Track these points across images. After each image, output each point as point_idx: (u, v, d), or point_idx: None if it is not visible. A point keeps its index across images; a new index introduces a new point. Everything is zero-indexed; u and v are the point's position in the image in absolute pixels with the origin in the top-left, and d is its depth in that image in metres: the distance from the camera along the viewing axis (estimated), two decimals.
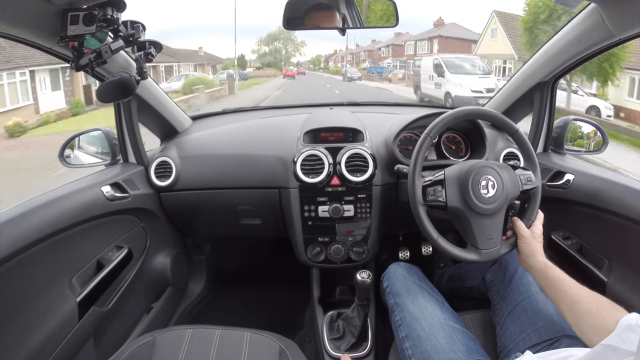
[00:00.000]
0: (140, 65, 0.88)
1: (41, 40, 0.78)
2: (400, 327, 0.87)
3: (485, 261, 0.87)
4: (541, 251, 0.82)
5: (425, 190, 0.90)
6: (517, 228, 0.86)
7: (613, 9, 0.81)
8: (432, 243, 0.89)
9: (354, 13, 0.97)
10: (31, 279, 0.83)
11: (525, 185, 0.89)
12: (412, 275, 0.98)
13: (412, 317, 0.86)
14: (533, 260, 0.81)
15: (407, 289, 0.93)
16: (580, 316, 0.69)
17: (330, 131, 1.24)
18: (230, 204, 1.30)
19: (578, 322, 0.70)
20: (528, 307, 0.85)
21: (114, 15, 0.76)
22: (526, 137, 0.93)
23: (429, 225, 0.89)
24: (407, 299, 0.90)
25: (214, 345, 0.84)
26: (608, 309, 0.67)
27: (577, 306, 0.70)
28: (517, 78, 1.25)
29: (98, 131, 1.24)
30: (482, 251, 0.86)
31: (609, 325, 0.63)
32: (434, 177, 0.91)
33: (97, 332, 1.02)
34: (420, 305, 0.87)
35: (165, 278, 1.36)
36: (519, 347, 0.80)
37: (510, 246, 0.88)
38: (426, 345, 0.79)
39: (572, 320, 0.71)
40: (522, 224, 0.87)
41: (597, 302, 0.69)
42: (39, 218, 0.84)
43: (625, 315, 0.62)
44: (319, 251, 1.19)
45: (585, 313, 0.69)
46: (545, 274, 0.78)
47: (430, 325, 0.82)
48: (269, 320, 1.44)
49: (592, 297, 0.70)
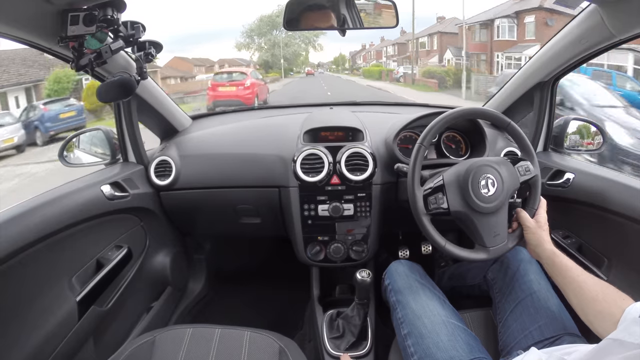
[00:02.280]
0: (140, 66, 0.88)
1: (41, 41, 0.78)
2: (402, 325, 0.87)
3: (494, 257, 0.88)
4: (548, 239, 0.83)
5: (427, 199, 0.90)
6: (522, 219, 0.87)
7: (613, 9, 0.81)
8: (440, 250, 0.89)
9: (354, 13, 0.96)
10: (31, 278, 0.83)
11: (524, 175, 0.89)
12: (414, 272, 0.98)
13: (414, 314, 0.86)
14: (541, 249, 0.82)
15: (409, 286, 0.93)
16: (587, 303, 0.71)
17: (330, 130, 1.24)
18: (230, 203, 1.31)
19: (584, 309, 0.71)
20: (530, 305, 0.85)
21: (114, 16, 0.76)
22: (519, 128, 0.94)
23: (435, 233, 0.89)
24: (409, 297, 0.90)
25: (213, 345, 0.84)
26: (614, 297, 0.68)
27: (584, 293, 0.72)
28: (518, 78, 1.25)
29: (98, 130, 1.24)
30: (490, 249, 0.86)
31: (615, 312, 0.64)
32: (433, 184, 0.90)
33: (97, 332, 1.02)
34: (422, 303, 0.88)
35: (165, 277, 1.36)
36: (521, 345, 0.81)
37: (517, 239, 0.88)
38: (428, 343, 0.80)
39: (578, 306, 0.73)
40: (525, 214, 0.88)
41: (604, 289, 0.70)
42: (38, 217, 0.84)
43: (632, 305, 0.63)
44: (319, 250, 1.19)
45: (592, 300, 0.70)
46: (553, 261, 0.79)
47: (432, 323, 0.83)
48: (269, 319, 1.44)
49: (598, 284, 0.72)
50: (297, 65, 35.88)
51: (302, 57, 35.86)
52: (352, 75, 32.12)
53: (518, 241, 0.89)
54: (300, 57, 35.62)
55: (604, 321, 0.66)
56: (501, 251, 0.87)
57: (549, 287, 0.88)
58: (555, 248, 0.82)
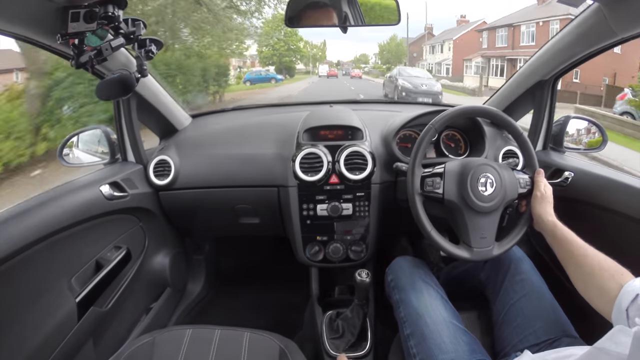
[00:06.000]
0: (141, 63, 0.88)
1: (41, 38, 0.78)
2: (405, 324, 0.87)
3: (475, 260, 0.88)
4: (551, 211, 0.85)
5: (424, 180, 0.91)
6: (537, 183, 0.89)
7: (616, 8, 0.82)
8: (425, 235, 0.90)
9: (356, 11, 0.96)
10: (30, 279, 0.82)
11: (522, 188, 0.90)
12: (418, 269, 0.97)
13: (416, 314, 0.86)
14: (543, 221, 0.83)
15: (412, 283, 0.92)
16: (584, 277, 0.72)
17: (329, 129, 1.24)
18: (229, 203, 1.30)
19: (582, 282, 0.72)
20: (524, 307, 0.85)
21: (115, 13, 0.75)
22: (529, 142, 0.95)
23: (424, 216, 0.90)
24: (411, 295, 0.90)
25: (213, 346, 0.84)
26: (613, 271, 0.68)
27: (582, 266, 0.73)
28: (518, 76, 1.25)
29: (97, 130, 1.24)
30: (474, 249, 0.87)
31: (612, 287, 0.65)
32: (433, 169, 0.92)
33: (97, 333, 1.01)
34: (424, 302, 0.87)
35: (165, 278, 1.35)
36: (517, 347, 0.81)
37: (503, 247, 0.89)
38: (430, 344, 0.79)
39: (577, 280, 0.73)
40: (544, 179, 0.90)
41: (601, 263, 0.70)
42: (37, 218, 0.83)
43: (628, 283, 0.64)
44: (318, 250, 1.19)
45: (590, 274, 0.71)
46: (554, 233, 0.80)
47: (434, 323, 0.83)
48: (269, 320, 1.43)
49: (597, 258, 0.72)
50: (306, 60, 28.59)
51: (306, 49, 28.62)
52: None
53: (504, 251, 0.89)
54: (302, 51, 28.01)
55: (601, 296, 0.67)
56: (484, 255, 0.87)
57: (543, 286, 0.89)
58: (557, 220, 0.82)
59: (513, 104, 1.31)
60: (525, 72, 1.22)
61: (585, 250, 0.74)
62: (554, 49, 1.07)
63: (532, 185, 0.91)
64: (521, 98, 1.27)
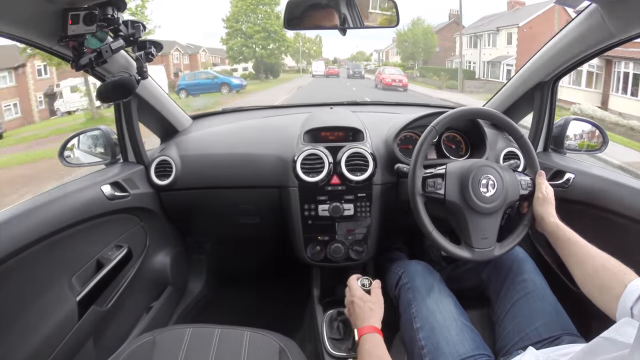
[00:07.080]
0: (141, 65, 0.88)
1: (41, 40, 0.78)
2: (415, 319, 0.89)
3: (477, 260, 0.89)
4: (553, 212, 0.85)
5: (425, 181, 0.92)
6: (539, 185, 0.89)
7: (614, 9, 0.82)
8: (426, 235, 0.90)
9: (354, 13, 0.96)
10: (31, 278, 0.83)
11: (524, 190, 0.91)
12: (433, 274, 0.99)
13: (427, 310, 0.88)
14: (546, 222, 0.84)
15: (427, 285, 0.94)
16: (588, 276, 0.72)
17: (330, 130, 1.24)
18: (230, 203, 1.30)
19: (585, 281, 0.73)
20: (525, 306, 0.86)
21: (115, 15, 0.76)
22: (531, 144, 0.95)
23: (425, 216, 0.90)
24: (425, 294, 0.92)
25: (213, 345, 0.84)
26: (616, 270, 0.69)
27: (585, 266, 0.73)
28: (518, 78, 1.25)
29: (98, 130, 1.24)
30: (475, 250, 0.87)
31: (615, 286, 0.65)
32: (435, 170, 0.92)
33: (97, 332, 1.02)
34: (436, 299, 0.90)
35: (165, 277, 1.36)
36: (518, 346, 0.81)
37: (505, 248, 0.89)
38: (438, 337, 0.82)
39: (580, 279, 0.74)
40: (545, 181, 0.90)
41: (605, 263, 0.71)
42: (38, 217, 0.84)
43: (632, 282, 0.64)
44: (319, 250, 1.19)
45: (593, 273, 0.71)
46: (557, 234, 0.81)
47: (444, 318, 0.85)
48: (269, 319, 1.44)
49: (600, 258, 0.73)
50: (297, 56, 22.51)
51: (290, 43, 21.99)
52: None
53: (505, 252, 0.89)
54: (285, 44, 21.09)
55: (605, 295, 0.68)
56: (486, 256, 0.88)
57: (545, 287, 0.89)
58: (560, 221, 0.83)
59: (513, 106, 1.31)
60: (525, 73, 1.21)
61: (588, 250, 0.75)
62: (554, 51, 1.07)
63: (533, 186, 0.91)
64: (521, 100, 1.27)
